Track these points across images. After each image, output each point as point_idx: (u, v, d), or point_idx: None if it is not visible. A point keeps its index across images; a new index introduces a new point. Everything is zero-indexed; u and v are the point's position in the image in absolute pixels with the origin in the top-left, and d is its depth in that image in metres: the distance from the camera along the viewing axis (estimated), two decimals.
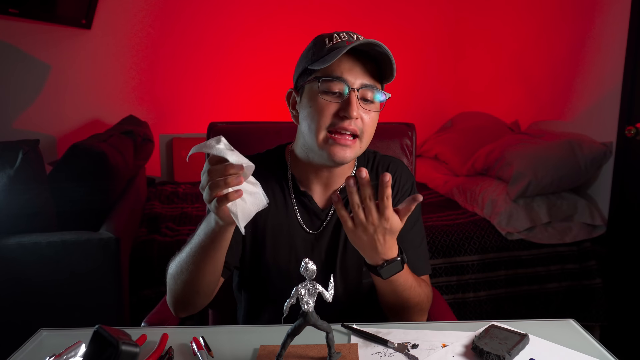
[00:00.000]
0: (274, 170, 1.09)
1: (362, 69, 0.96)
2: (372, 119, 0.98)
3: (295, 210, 1.06)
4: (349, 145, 0.96)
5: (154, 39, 3.33)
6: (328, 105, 0.95)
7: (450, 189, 2.69)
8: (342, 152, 0.96)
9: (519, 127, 3.17)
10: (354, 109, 0.93)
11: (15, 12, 2.88)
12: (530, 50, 3.11)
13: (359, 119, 0.95)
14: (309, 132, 0.97)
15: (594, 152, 2.33)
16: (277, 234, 1.05)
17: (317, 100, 0.96)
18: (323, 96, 0.95)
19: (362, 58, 0.96)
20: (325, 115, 0.95)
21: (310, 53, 0.99)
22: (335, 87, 0.95)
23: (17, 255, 1.61)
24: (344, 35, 0.97)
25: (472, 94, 3.58)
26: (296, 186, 1.07)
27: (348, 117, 0.93)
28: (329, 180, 1.06)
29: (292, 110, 1.05)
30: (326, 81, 0.95)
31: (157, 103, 3.43)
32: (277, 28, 3.35)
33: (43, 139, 2.23)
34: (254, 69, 3.38)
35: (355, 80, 0.95)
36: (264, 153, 1.13)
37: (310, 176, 1.06)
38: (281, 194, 1.07)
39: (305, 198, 1.06)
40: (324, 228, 1.06)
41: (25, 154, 1.64)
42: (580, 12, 2.64)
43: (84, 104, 3.29)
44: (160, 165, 3.38)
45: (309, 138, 0.98)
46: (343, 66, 0.95)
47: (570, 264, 2.26)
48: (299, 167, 1.07)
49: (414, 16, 3.55)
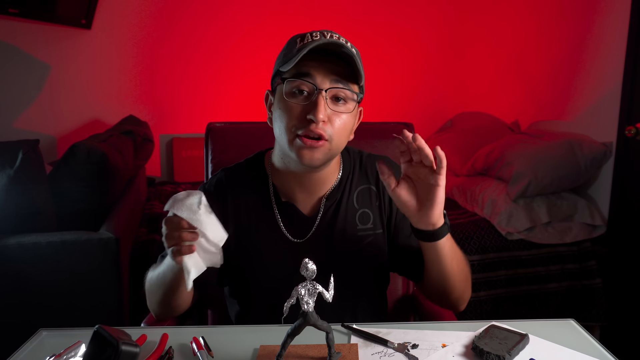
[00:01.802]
0: (254, 181, 1.06)
1: (331, 68, 0.92)
2: (343, 123, 0.94)
3: (278, 220, 1.03)
4: (316, 147, 0.91)
5: (154, 39, 3.33)
6: (295, 107, 0.92)
7: (450, 189, 2.69)
8: (309, 154, 0.92)
9: (519, 127, 3.17)
10: (321, 111, 0.89)
11: (15, 12, 2.88)
12: (530, 50, 3.11)
13: (327, 122, 0.91)
14: (279, 134, 0.95)
15: (594, 152, 2.33)
16: (263, 247, 1.03)
17: (284, 102, 0.93)
18: (289, 98, 0.92)
19: (332, 58, 0.92)
20: (292, 117, 0.92)
21: (282, 54, 0.96)
22: (304, 86, 0.91)
23: (17, 255, 1.61)
24: (316, 34, 0.92)
25: (472, 94, 3.57)
26: (277, 196, 1.04)
27: (314, 121, 0.90)
28: (312, 187, 1.03)
29: (268, 112, 1.03)
30: (291, 82, 0.92)
31: (157, 103, 3.43)
32: (277, 28, 3.34)
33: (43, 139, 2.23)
34: (254, 69, 3.37)
35: (323, 80, 0.91)
36: (243, 162, 1.11)
37: (292, 184, 1.03)
38: (262, 205, 1.04)
39: (288, 208, 1.04)
40: (311, 235, 1.03)
41: (25, 154, 1.64)
42: (580, 12, 2.64)
43: (84, 104, 3.29)
44: (160, 165, 3.38)
45: (279, 140, 0.97)
46: (310, 65, 0.91)
47: (570, 264, 2.26)
48: (279, 175, 1.04)
49: (414, 16, 3.55)
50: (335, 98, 0.93)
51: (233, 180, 1.07)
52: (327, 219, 1.04)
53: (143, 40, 3.32)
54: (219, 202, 1.04)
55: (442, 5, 3.57)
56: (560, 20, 2.83)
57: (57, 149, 3.24)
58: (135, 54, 3.33)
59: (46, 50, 3.16)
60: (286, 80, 0.92)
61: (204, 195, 0.81)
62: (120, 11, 3.25)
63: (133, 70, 3.35)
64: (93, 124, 3.26)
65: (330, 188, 1.05)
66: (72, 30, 3.15)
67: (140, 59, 3.35)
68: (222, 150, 1.36)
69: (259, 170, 1.07)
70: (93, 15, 3.16)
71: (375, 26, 3.43)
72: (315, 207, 1.05)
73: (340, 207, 1.05)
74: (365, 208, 1.06)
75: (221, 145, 1.37)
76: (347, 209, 1.05)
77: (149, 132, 2.96)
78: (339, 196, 1.05)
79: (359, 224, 1.05)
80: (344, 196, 1.06)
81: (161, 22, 3.32)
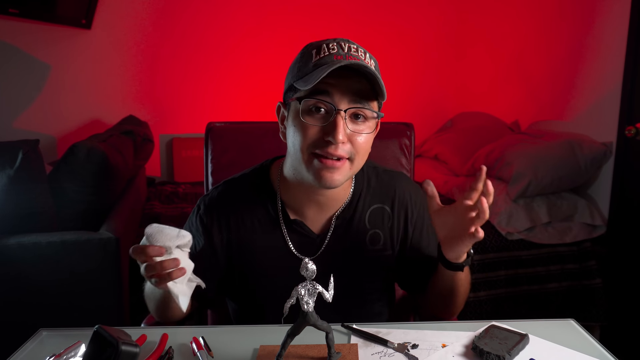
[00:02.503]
0: (260, 195, 1.02)
1: (350, 86, 0.86)
2: (365, 142, 0.90)
3: (285, 237, 1.00)
4: (337, 167, 0.88)
5: (154, 39, 3.33)
6: (311, 127, 0.87)
7: (450, 189, 2.69)
8: (329, 176, 0.88)
9: (519, 127, 3.17)
10: (340, 132, 0.85)
11: (15, 12, 2.88)
12: (530, 50, 3.11)
13: (346, 143, 0.87)
14: (294, 152, 0.91)
15: (594, 152, 2.33)
16: (269, 263, 1.00)
17: (300, 121, 0.88)
18: (306, 117, 0.87)
19: (351, 74, 0.86)
20: (309, 137, 0.87)
21: (297, 67, 0.90)
22: (321, 105, 0.86)
23: (17, 255, 1.61)
24: (333, 46, 0.87)
25: (472, 94, 3.57)
26: (286, 213, 1.00)
27: (333, 142, 0.85)
28: (323, 205, 0.99)
29: (280, 125, 0.97)
30: (309, 101, 0.87)
31: (157, 103, 3.43)
32: (277, 28, 3.35)
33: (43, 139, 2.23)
34: (254, 69, 3.38)
35: (342, 98, 0.86)
36: (249, 174, 1.06)
37: (302, 201, 0.99)
38: (269, 221, 1.00)
39: (295, 225, 1.00)
40: (320, 254, 1.00)
41: (25, 154, 1.64)
42: (580, 12, 2.64)
43: (84, 104, 3.29)
44: (160, 165, 3.38)
45: (294, 159, 0.92)
46: (328, 82, 0.85)
47: (570, 264, 2.26)
48: (289, 191, 0.99)
49: (414, 16, 3.55)
50: (354, 115, 0.89)
51: (238, 194, 1.03)
52: (336, 238, 1.01)
53: (143, 40, 3.32)
54: (220, 216, 1.01)
55: (442, 5, 3.57)
56: (560, 20, 2.83)
57: (57, 149, 3.24)
58: (135, 54, 3.33)
59: (46, 50, 3.16)
60: (303, 99, 0.87)
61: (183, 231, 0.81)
62: (120, 11, 3.25)
63: (133, 70, 3.35)
64: (93, 124, 3.26)
65: (342, 206, 1.02)
66: (72, 30, 3.15)
67: (140, 59, 3.35)
68: (222, 150, 1.36)
69: (265, 184, 1.03)
70: (93, 15, 3.16)
71: (375, 26, 3.43)
72: (326, 225, 1.01)
73: (352, 227, 1.02)
74: (376, 229, 1.03)
75: (221, 145, 1.36)
76: (358, 228, 1.02)
77: (149, 132, 2.96)
78: (350, 214, 1.02)
79: (369, 244, 1.03)
80: (356, 215, 1.02)
81: (161, 22, 3.32)
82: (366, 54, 0.90)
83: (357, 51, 0.89)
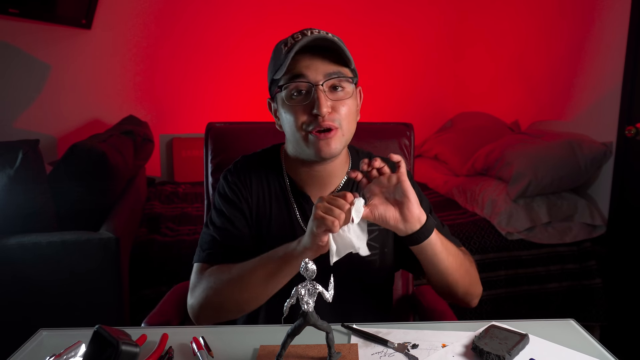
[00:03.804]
0: (272, 171, 1.10)
1: (321, 61, 0.96)
2: (348, 107, 0.99)
3: (295, 210, 1.07)
4: (331, 137, 0.96)
5: (154, 39, 3.33)
6: (298, 108, 0.97)
7: (450, 189, 2.69)
8: (326, 146, 0.97)
9: (519, 127, 3.17)
10: (323, 104, 0.94)
11: (15, 12, 2.88)
12: (530, 50, 3.11)
13: (332, 112, 0.96)
14: (292, 134, 1.00)
15: (594, 152, 2.33)
16: (279, 235, 1.05)
17: (287, 106, 0.98)
18: (290, 102, 0.97)
19: (318, 53, 0.96)
20: (299, 118, 0.97)
21: (272, 64, 1.01)
22: (301, 87, 0.96)
23: (17, 255, 1.61)
24: (297, 35, 0.97)
25: (472, 94, 3.58)
26: (294, 187, 1.08)
27: (320, 114, 0.94)
28: (324, 180, 1.07)
29: (275, 118, 1.07)
30: (288, 86, 0.97)
31: (157, 103, 3.43)
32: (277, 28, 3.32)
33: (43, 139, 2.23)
34: (254, 69, 3.36)
35: (317, 75, 0.95)
36: (260, 152, 1.14)
37: (305, 178, 1.07)
38: (282, 195, 1.08)
39: (303, 199, 1.07)
40: None
41: (25, 154, 1.64)
42: (580, 12, 2.64)
43: (84, 104, 3.29)
44: (160, 165, 3.38)
45: (293, 141, 1.01)
46: (301, 64, 0.96)
47: (570, 264, 2.26)
48: (293, 168, 1.08)
49: (414, 16, 3.55)
50: (333, 87, 0.97)
51: (254, 167, 1.11)
52: None
53: (143, 40, 3.32)
54: (245, 186, 1.08)
55: (442, 5, 3.57)
56: (560, 20, 2.83)
57: (57, 149, 3.24)
58: (135, 54, 3.33)
59: (46, 50, 3.16)
60: (283, 86, 0.97)
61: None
62: (120, 11, 3.25)
63: (133, 70, 3.35)
64: (93, 124, 3.26)
65: (341, 182, 1.09)
66: (72, 30, 3.15)
67: (140, 59, 3.35)
68: (222, 150, 1.36)
69: (275, 162, 1.11)
70: (93, 15, 3.16)
71: (375, 26, 3.44)
72: None
73: None
74: None
75: (221, 145, 1.37)
76: None
77: (149, 132, 2.96)
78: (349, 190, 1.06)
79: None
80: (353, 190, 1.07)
81: (161, 22, 3.32)
82: (328, 34, 0.98)
83: (320, 32, 0.97)
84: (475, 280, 1.07)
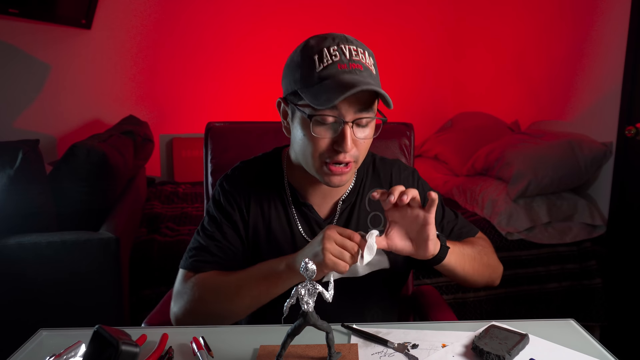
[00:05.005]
0: (272, 178, 1.07)
1: (356, 98, 0.89)
2: (367, 143, 0.96)
3: (295, 220, 1.05)
4: (346, 172, 0.94)
5: (154, 39, 3.33)
6: (321, 140, 0.91)
7: (450, 189, 2.69)
8: (338, 179, 0.94)
9: (519, 127, 3.17)
10: (348, 142, 0.90)
11: (15, 12, 2.88)
12: (530, 50, 3.11)
13: (353, 147, 0.92)
14: (303, 157, 0.96)
15: (594, 152, 2.33)
16: (279, 245, 1.04)
17: (309, 133, 0.91)
18: (315, 130, 0.90)
19: None
20: (319, 147, 0.92)
21: (299, 73, 0.91)
22: (328, 119, 0.89)
23: (17, 255, 1.61)
24: (335, 52, 0.88)
25: (472, 94, 3.58)
26: (295, 196, 1.05)
27: (342, 151, 0.91)
28: (328, 191, 1.05)
29: (283, 120, 1.01)
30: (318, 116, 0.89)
31: (157, 103, 3.43)
32: (278, 28, 3.35)
33: (43, 139, 2.23)
34: (254, 68, 3.38)
35: (348, 111, 0.89)
36: (260, 157, 1.11)
37: (308, 187, 1.05)
38: (281, 203, 1.05)
39: (305, 208, 1.05)
40: None
41: (25, 154, 1.64)
42: (580, 12, 2.64)
43: (84, 104, 3.29)
44: (160, 165, 3.38)
45: (302, 161, 0.97)
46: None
47: (570, 264, 2.26)
48: (296, 176, 1.05)
49: (414, 16, 3.55)
50: (359, 123, 0.92)
51: (253, 174, 1.08)
52: (342, 223, 1.06)
53: (143, 40, 3.32)
54: (242, 194, 1.05)
55: (442, 5, 3.57)
56: (560, 20, 2.83)
57: (57, 149, 3.25)
58: (135, 54, 3.33)
59: (46, 50, 3.16)
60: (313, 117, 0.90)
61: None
62: (120, 11, 3.25)
63: (133, 70, 3.35)
64: (93, 124, 3.26)
65: (346, 192, 1.07)
66: (72, 30, 3.15)
67: (140, 59, 3.35)
68: (222, 150, 1.36)
69: (276, 168, 1.08)
70: (93, 15, 3.16)
71: (375, 26, 3.44)
72: (331, 210, 1.07)
73: (354, 211, 1.07)
74: (376, 211, 1.07)
75: (221, 145, 1.37)
76: (360, 212, 1.07)
77: (149, 132, 2.96)
78: (353, 199, 1.08)
79: (370, 226, 1.07)
80: (357, 199, 1.08)
81: (161, 22, 3.32)
82: (365, 53, 0.92)
83: (358, 54, 0.90)
84: (494, 267, 1.10)
